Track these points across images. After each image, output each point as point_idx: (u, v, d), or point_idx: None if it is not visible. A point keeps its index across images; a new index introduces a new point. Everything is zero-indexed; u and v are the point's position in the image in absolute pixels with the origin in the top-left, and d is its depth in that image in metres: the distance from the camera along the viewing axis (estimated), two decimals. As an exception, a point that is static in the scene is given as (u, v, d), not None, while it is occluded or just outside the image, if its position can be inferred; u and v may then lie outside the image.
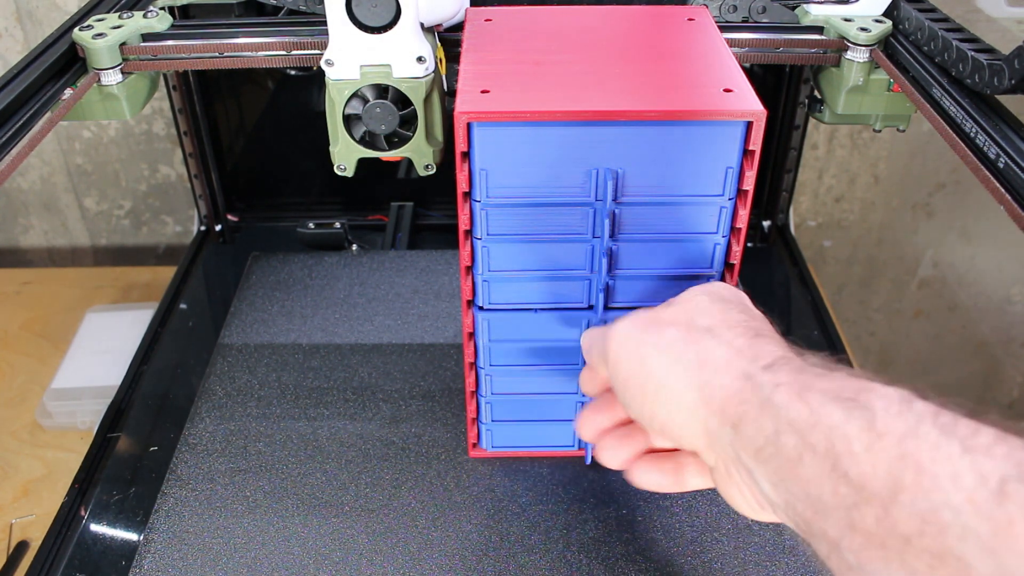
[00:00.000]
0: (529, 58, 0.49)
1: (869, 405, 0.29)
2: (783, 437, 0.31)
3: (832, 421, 0.29)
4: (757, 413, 0.32)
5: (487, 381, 0.56)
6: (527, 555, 0.55)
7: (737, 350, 0.35)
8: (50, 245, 1.22)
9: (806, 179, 1.19)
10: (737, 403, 0.33)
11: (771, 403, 0.31)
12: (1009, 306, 1.27)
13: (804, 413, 0.30)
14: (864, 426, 0.28)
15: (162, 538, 0.56)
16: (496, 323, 0.53)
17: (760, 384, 0.33)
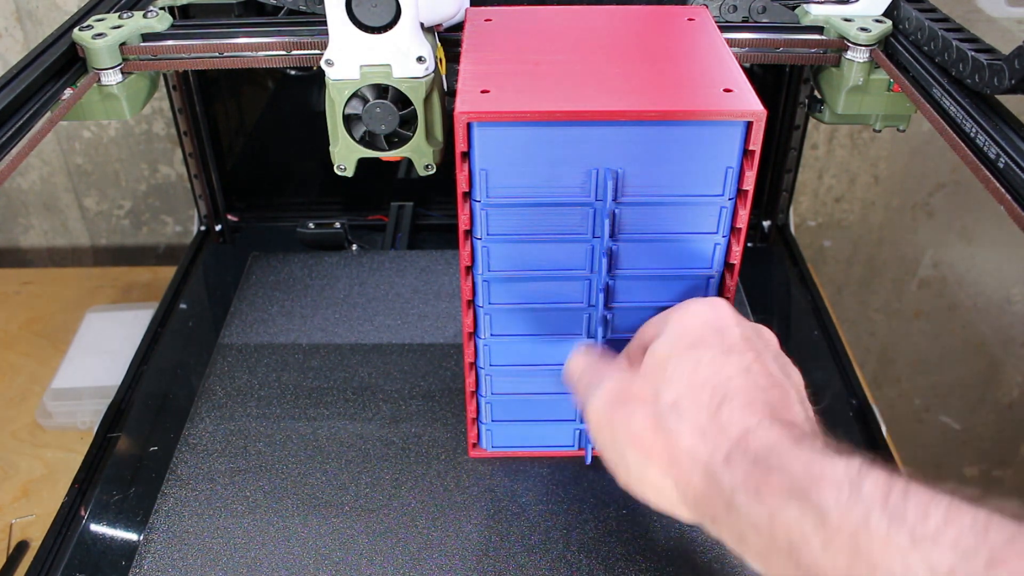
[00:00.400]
0: (529, 58, 0.49)
1: (821, 501, 0.30)
2: (750, 538, 0.33)
3: (789, 520, 0.31)
4: (725, 514, 0.35)
5: (487, 381, 0.56)
6: (527, 555, 0.55)
7: (701, 433, 0.37)
8: (50, 245, 1.22)
9: (806, 179, 1.19)
10: (707, 503, 0.36)
11: (734, 506, 0.34)
12: (1009, 306, 1.27)
13: (764, 515, 0.32)
14: (818, 523, 0.30)
15: (162, 538, 0.56)
16: (496, 322, 0.53)
17: (722, 486, 0.35)
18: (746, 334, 0.41)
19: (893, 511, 0.29)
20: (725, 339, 0.40)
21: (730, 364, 0.39)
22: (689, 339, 0.41)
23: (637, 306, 0.52)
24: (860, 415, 0.71)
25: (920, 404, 1.41)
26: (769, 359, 0.40)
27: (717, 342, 0.40)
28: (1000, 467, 1.44)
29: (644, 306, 0.52)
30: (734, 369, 0.38)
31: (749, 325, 0.42)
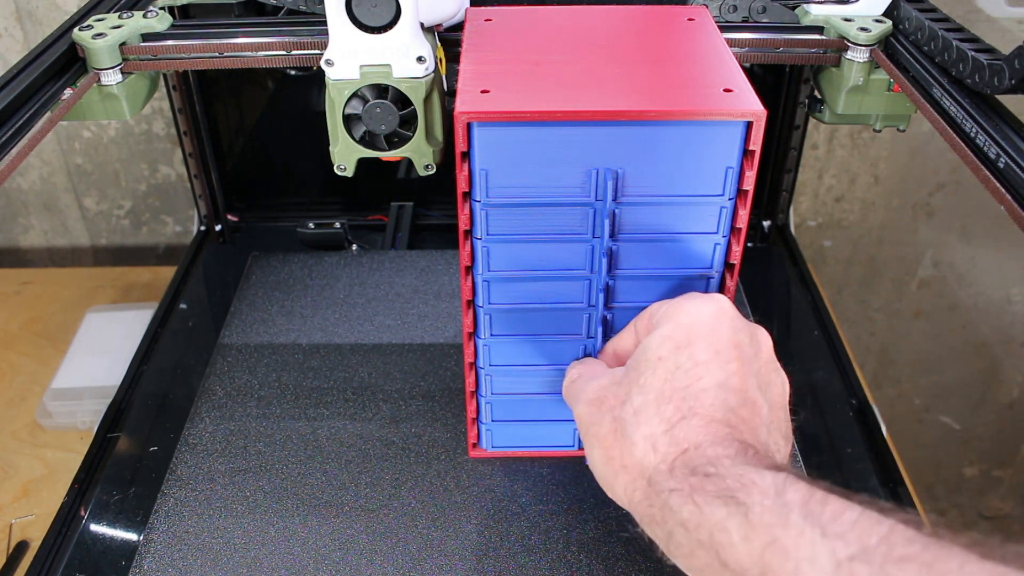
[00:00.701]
0: (529, 58, 0.49)
1: (747, 501, 0.33)
2: (677, 536, 0.36)
3: (715, 519, 0.34)
4: (661, 515, 0.37)
5: (487, 381, 0.56)
6: (527, 555, 0.55)
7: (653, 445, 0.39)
8: (50, 245, 1.22)
9: (806, 179, 1.19)
10: (646, 506, 0.38)
11: (668, 507, 0.36)
12: (1009, 306, 1.27)
13: (694, 513, 0.35)
14: (741, 521, 0.33)
15: (162, 538, 0.56)
16: (496, 322, 0.53)
17: (660, 489, 0.37)
18: (738, 339, 0.41)
19: (810, 512, 0.31)
20: (715, 342, 0.40)
21: (709, 375, 0.39)
22: (678, 339, 0.41)
23: (637, 306, 0.52)
24: (860, 415, 0.71)
25: (920, 404, 1.41)
26: (752, 371, 0.40)
27: (705, 346, 0.40)
28: (1000, 467, 1.44)
29: (644, 306, 0.52)
30: (710, 381, 0.39)
31: (744, 327, 0.42)
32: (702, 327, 0.41)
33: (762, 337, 0.43)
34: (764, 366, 0.42)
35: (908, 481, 0.66)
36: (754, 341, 0.42)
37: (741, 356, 0.40)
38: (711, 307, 0.42)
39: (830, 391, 0.74)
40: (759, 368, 0.41)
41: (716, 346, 0.40)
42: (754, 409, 0.39)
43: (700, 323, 0.41)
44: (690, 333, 0.41)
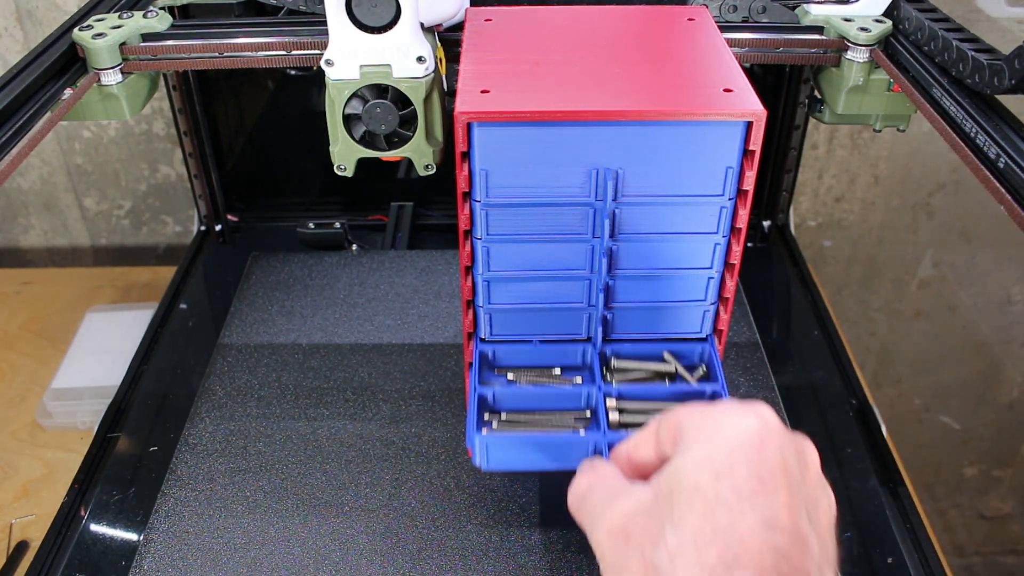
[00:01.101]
0: (529, 58, 0.49)
1: None
2: None
3: None
4: None
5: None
6: (527, 555, 0.55)
7: None
8: (50, 245, 1.22)
9: (806, 179, 1.19)
10: None
11: None
12: (1009, 306, 1.27)
13: None
14: None
15: (162, 538, 0.56)
16: (496, 322, 0.53)
17: None
18: (786, 461, 0.35)
19: None
20: (760, 467, 0.35)
21: (754, 510, 0.34)
22: (718, 464, 0.35)
23: (637, 306, 0.52)
24: (860, 415, 0.71)
25: (920, 404, 1.41)
26: (801, 499, 0.35)
27: (748, 472, 0.35)
28: (1000, 467, 1.44)
29: (644, 306, 0.52)
30: (756, 519, 0.34)
31: (791, 444, 0.37)
32: (745, 449, 0.35)
33: (810, 453, 0.38)
34: (812, 487, 0.37)
35: (908, 481, 0.66)
36: (802, 460, 0.37)
37: (789, 483, 0.35)
38: (754, 423, 0.36)
39: (830, 391, 0.74)
40: (807, 492, 0.36)
41: (761, 472, 0.35)
42: (804, 548, 0.34)
43: (742, 444, 0.35)
44: (731, 457, 0.35)
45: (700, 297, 0.52)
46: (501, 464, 0.49)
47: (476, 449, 0.49)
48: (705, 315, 0.53)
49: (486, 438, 0.49)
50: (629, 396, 0.52)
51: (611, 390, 0.52)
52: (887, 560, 0.59)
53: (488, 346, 0.54)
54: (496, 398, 0.52)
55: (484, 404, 0.52)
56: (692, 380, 0.53)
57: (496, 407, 0.52)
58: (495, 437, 0.49)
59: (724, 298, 0.52)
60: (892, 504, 0.63)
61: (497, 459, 0.49)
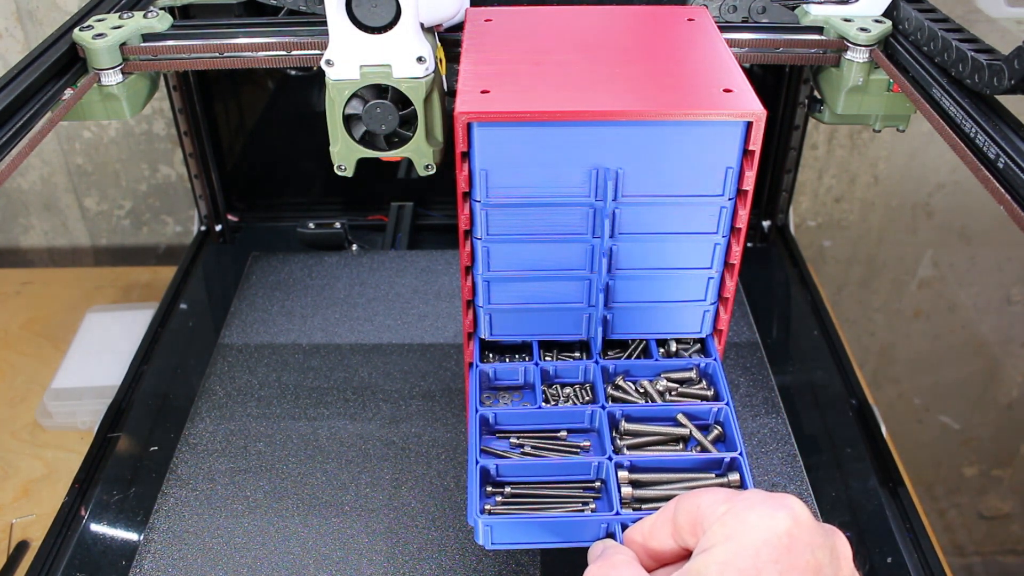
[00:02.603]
0: (529, 58, 0.49)
1: None
2: None
3: None
4: None
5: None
6: (527, 555, 0.55)
7: None
8: (50, 245, 1.22)
9: (806, 179, 1.19)
10: None
11: None
12: (1009, 306, 1.27)
13: None
14: None
15: (162, 538, 0.56)
16: (496, 323, 0.53)
17: None
18: (819, 560, 0.33)
19: None
20: (790, 570, 0.32)
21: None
22: (743, 567, 0.32)
23: (637, 306, 0.52)
24: (860, 415, 0.71)
25: (920, 404, 1.41)
26: None
27: (783, 568, 0.32)
28: (1000, 467, 1.44)
29: (644, 306, 0.52)
30: None
31: (823, 541, 0.34)
32: (773, 550, 0.32)
33: (842, 548, 0.35)
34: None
35: (908, 481, 0.66)
36: (834, 557, 0.34)
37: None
38: (784, 521, 0.33)
39: (830, 391, 0.74)
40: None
41: (792, 573, 0.33)
42: None
43: (770, 544, 0.33)
44: (758, 559, 0.32)
45: (700, 297, 0.52)
46: (506, 543, 0.46)
47: (479, 529, 0.45)
48: (705, 315, 0.53)
49: (490, 520, 0.45)
50: (642, 467, 0.48)
51: (623, 460, 0.47)
52: (887, 560, 0.59)
53: (488, 410, 0.51)
54: (499, 471, 0.48)
55: (486, 476, 0.48)
56: (709, 446, 0.49)
57: (499, 479, 0.48)
58: (499, 520, 0.45)
59: (724, 298, 0.52)
60: (892, 504, 0.63)
61: (502, 539, 0.46)
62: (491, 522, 0.45)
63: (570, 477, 0.48)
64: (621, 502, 0.45)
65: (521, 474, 0.48)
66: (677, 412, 0.50)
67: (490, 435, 0.51)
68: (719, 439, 0.49)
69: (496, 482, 0.48)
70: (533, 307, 0.52)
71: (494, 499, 0.47)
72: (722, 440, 0.49)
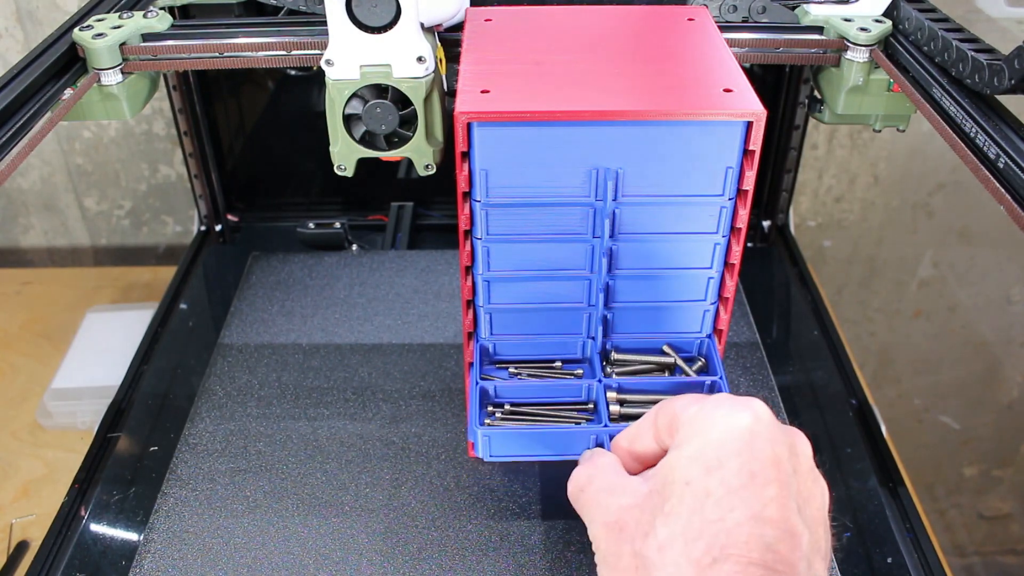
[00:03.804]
0: (529, 58, 0.49)
1: None
2: None
3: None
4: None
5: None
6: (527, 555, 0.55)
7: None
8: (50, 245, 1.22)
9: (806, 179, 1.19)
10: None
11: None
12: (1009, 306, 1.27)
13: None
14: None
15: (162, 538, 0.56)
16: (496, 322, 0.53)
17: None
18: (777, 455, 0.35)
19: None
20: (750, 462, 0.35)
21: (743, 504, 0.34)
22: (708, 459, 0.35)
23: (637, 306, 0.52)
24: (860, 415, 0.71)
25: (920, 404, 1.41)
26: (791, 493, 0.35)
27: (738, 467, 0.35)
28: (1000, 467, 1.44)
29: (644, 306, 0.52)
30: (745, 513, 0.34)
31: (783, 438, 0.36)
32: (735, 444, 0.35)
33: (802, 446, 0.38)
34: (804, 480, 0.37)
35: (908, 481, 0.66)
36: (793, 453, 0.37)
37: (780, 477, 0.35)
38: (746, 418, 0.36)
39: (830, 391, 0.74)
40: (799, 485, 0.36)
41: (752, 467, 0.35)
42: (793, 541, 0.34)
43: (733, 439, 0.36)
44: (721, 451, 0.35)
45: (700, 297, 0.52)
46: (503, 455, 0.51)
47: (478, 441, 0.50)
48: (705, 315, 0.53)
49: (488, 431, 0.50)
50: (629, 389, 0.52)
51: (611, 383, 0.52)
52: (887, 560, 0.59)
53: (488, 340, 0.54)
54: (497, 391, 0.53)
55: (486, 397, 0.53)
56: (691, 372, 0.54)
57: (497, 399, 0.53)
58: (497, 430, 0.50)
59: (724, 298, 0.52)
60: (892, 504, 0.63)
61: (499, 451, 0.51)
62: (489, 433, 0.50)
63: (563, 398, 0.53)
64: (609, 417, 0.50)
65: (518, 395, 0.53)
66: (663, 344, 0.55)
67: (490, 364, 0.55)
68: (703, 370, 0.54)
69: (495, 403, 0.53)
70: (533, 307, 0.52)
71: (493, 416, 0.52)
72: (705, 371, 0.54)
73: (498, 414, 0.53)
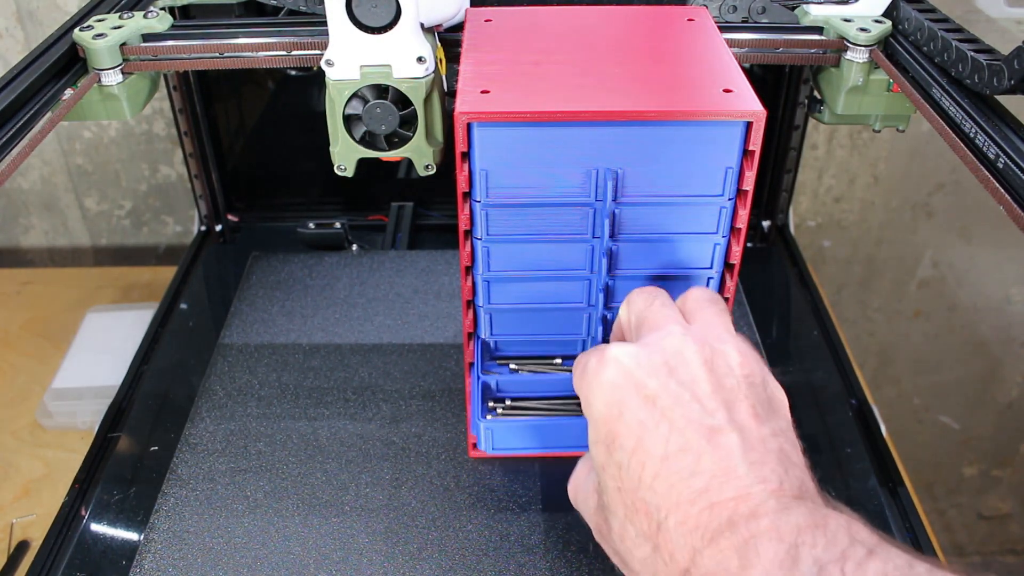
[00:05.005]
0: (529, 58, 0.49)
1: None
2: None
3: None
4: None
5: (487, 381, 0.57)
6: (527, 555, 0.55)
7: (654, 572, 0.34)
8: (51, 245, 1.22)
9: (806, 179, 1.19)
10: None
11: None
12: (1009, 306, 1.27)
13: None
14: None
15: (162, 538, 0.56)
16: (496, 323, 0.53)
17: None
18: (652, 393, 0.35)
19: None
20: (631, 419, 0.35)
21: (648, 456, 0.34)
22: (602, 437, 0.36)
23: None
24: (860, 415, 0.71)
25: (920, 404, 1.41)
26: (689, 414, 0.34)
27: (627, 429, 0.35)
28: (999, 467, 1.44)
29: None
30: (655, 457, 0.34)
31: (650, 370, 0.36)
32: (611, 411, 0.35)
33: (689, 356, 0.36)
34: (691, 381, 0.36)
35: (907, 481, 0.66)
36: (674, 375, 0.36)
37: (673, 399, 0.35)
38: (610, 375, 0.36)
39: (830, 391, 0.74)
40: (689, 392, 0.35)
41: (635, 421, 0.35)
42: (717, 448, 0.33)
43: (608, 408, 0.36)
44: (608, 423, 0.36)
45: (700, 297, 0.52)
46: (505, 448, 0.52)
47: (481, 434, 0.52)
48: (705, 315, 0.53)
49: (491, 424, 0.51)
50: None
51: None
52: (887, 560, 0.59)
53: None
54: (499, 386, 0.54)
55: (488, 392, 0.53)
56: None
57: (499, 394, 0.54)
58: (499, 423, 0.51)
59: (724, 298, 0.52)
60: (892, 504, 0.63)
61: (501, 443, 0.52)
62: (491, 425, 0.52)
63: (564, 392, 0.54)
64: None
65: (519, 389, 0.54)
66: None
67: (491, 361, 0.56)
68: None
69: (496, 397, 0.54)
70: (533, 307, 0.52)
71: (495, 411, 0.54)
72: None
73: (499, 409, 0.53)
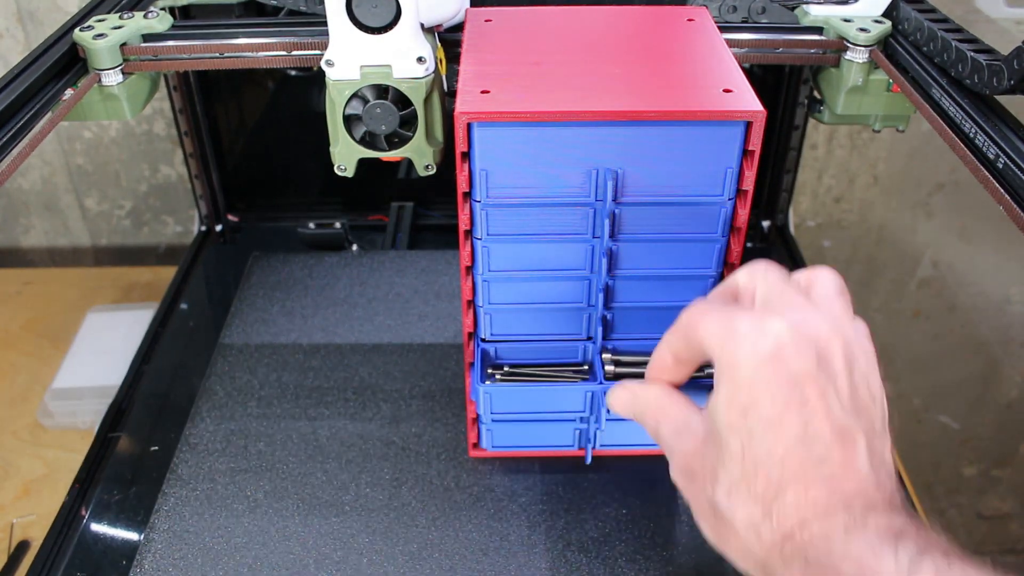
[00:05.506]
0: (529, 58, 0.49)
1: None
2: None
3: None
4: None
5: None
6: (527, 555, 0.55)
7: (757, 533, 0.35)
8: (51, 245, 1.22)
9: (806, 179, 1.19)
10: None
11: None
12: (1009, 306, 1.27)
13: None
14: None
15: (162, 538, 0.56)
16: (496, 322, 0.53)
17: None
18: (805, 370, 0.35)
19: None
20: (780, 390, 0.35)
21: (785, 431, 0.34)
22: (742, 401, 0.36)
23: (637, 306, 0.52)
24: (860, 415, 0.71)
25: (919, 404, 1.41)
26: (831, 398, 0.35)
27: (771, 400, 0.35)
28: (999, 467, 1.44)
29: (644, 306, 0.52)
30: (790, 438, 0.34)
31: (808, 348, 0.36)
32: (762, 377, 0.35)
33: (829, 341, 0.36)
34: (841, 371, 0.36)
35: (907, 481, 0.66)
36: (823, 357, 0.36)
37: (818, 390, 0.35)
38: (767, 347, 0.35)
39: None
40: (837, 383, 0.36)
41: (783, 395, 0.35)
42: (847, 446, 0.35)
43: (759, 374, 0.35)
44: (752, 390, 0.35)
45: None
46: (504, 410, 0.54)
47: (480, 399, 0.54)
48: (705, 315, 0.53)
49: (490, 388, 0.53)
50: (624, 351, 0.55)
51: (607, 344, 0.54)
52: (886, 560, 0.59)
53: (490, 345, 0.54)
54: (498, 353, 0.55)
55: (487, 358, 0.55)
56: None
57: (498, 360, 0.55)
58: (498, 387, 0.53)
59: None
60: (891, 504, 0.63)
61: (500, 407, 0.54)
62: (491, 389, 0.53)
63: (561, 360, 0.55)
64: (604, 376, 0.53)
65: (518, 356, 0.55)
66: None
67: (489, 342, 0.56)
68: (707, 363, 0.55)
69: (496, 363, 0.55)
70: (533, 307, 0.52)
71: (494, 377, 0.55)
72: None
73: (498, 375, 0.54)
